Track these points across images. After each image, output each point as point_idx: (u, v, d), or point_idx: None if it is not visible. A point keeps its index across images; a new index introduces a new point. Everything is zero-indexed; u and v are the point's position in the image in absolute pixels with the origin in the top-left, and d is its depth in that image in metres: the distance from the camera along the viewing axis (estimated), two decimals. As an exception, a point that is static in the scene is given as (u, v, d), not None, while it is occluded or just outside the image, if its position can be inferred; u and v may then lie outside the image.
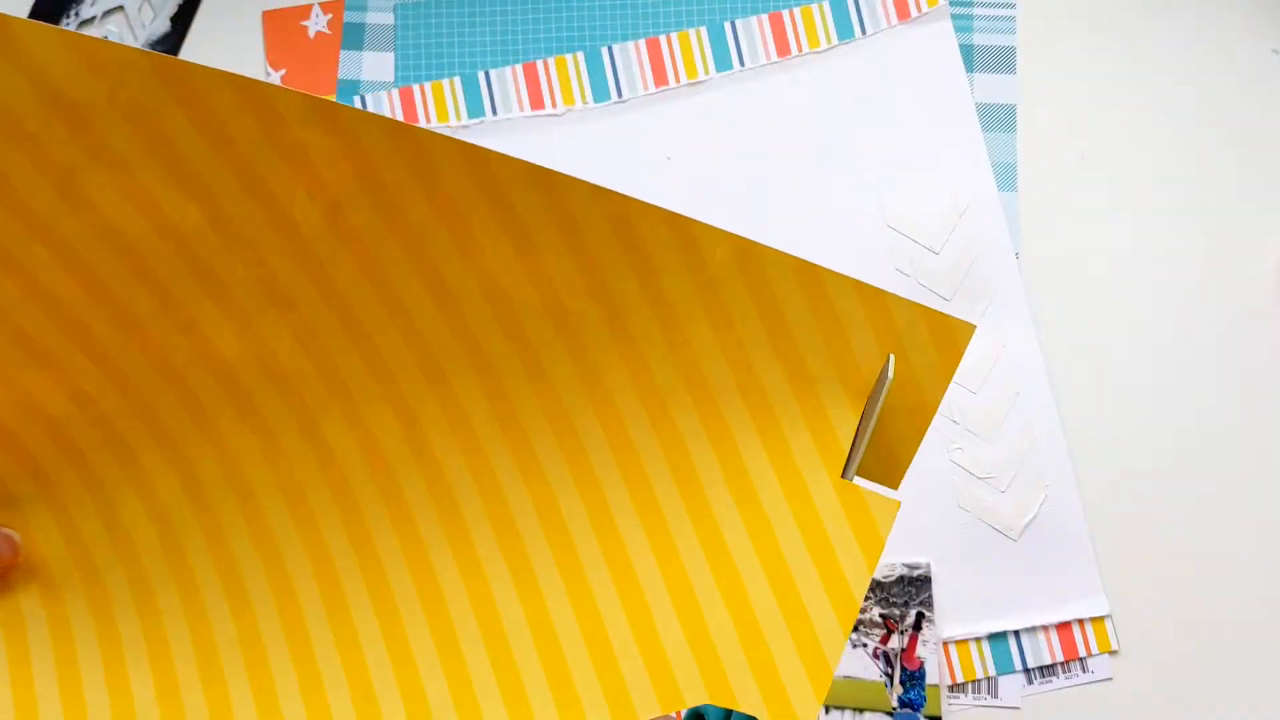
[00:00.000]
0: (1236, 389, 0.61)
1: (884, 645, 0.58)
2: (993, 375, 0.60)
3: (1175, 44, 0.64)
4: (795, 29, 0.63)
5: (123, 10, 0.65)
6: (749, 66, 0.63)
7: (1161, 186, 0.62)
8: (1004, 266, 0.61)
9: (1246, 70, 0.63)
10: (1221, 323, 0.61)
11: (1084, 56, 0.64)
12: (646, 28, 0.64)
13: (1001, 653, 0.58)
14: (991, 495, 0.59)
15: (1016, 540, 0.59)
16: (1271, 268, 0.62)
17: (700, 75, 0.63)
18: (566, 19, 0.64)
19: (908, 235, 0.62)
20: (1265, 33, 0.64)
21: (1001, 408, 0.60)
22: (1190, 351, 0.61)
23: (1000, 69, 0.63)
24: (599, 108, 0.63)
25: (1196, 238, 0.62)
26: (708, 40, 0.64)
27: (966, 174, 0.62)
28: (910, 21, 0.63)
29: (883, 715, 0.57)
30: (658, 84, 0.63)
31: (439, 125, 0.63)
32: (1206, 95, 0.63)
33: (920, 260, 0.61)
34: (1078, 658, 0.58)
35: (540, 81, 0.64)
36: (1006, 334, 0.61)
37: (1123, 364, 0.61)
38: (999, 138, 0.63)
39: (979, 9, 0.64)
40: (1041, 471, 0.59)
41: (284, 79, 0.64)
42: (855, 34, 0.63)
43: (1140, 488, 0.60)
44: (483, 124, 0.63)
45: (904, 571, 0.58)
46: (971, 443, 0.60)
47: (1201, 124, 0.63)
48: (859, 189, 0.62)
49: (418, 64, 0.64)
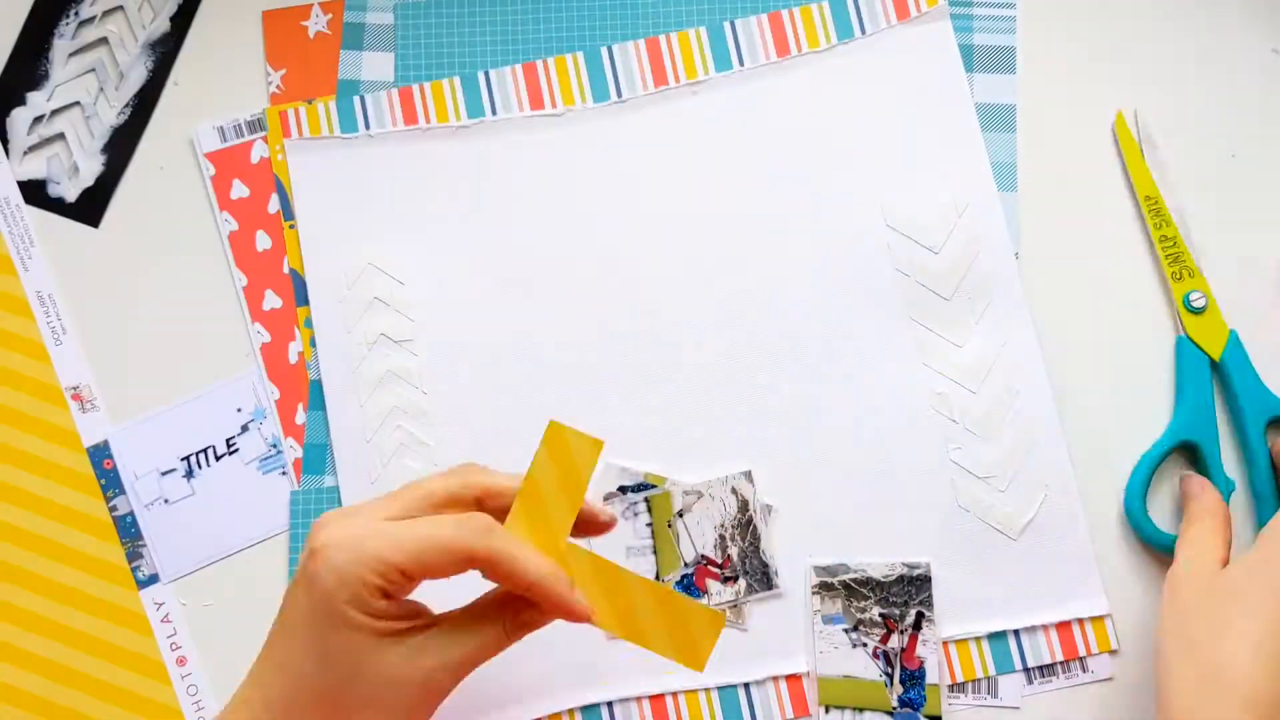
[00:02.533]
0: (1236, 389, 0.61)
1: (884, 645, 0.58)
2: (993, 375, 0.60)
3: (1175, 44, 0.64)
4: (795, 29, 0.63)
5: (122, 10, 0.65)
6: (749, 66, 0.63)
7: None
8: (1004, 266, 0.61)
9: (1246, 70, 0.63)
10: (1222, 322, 0.61)
11: (1084, 56, 0.64)
12: (646, 28, 0.64)
13: (1001, 652, 0.58)
14: (991, 495, 0.59)
15: (1016, 540, 0.59)
16: (1272, 267, 0.62)
17: (700, 75, 0.63)
18: (566, 19, 0.64)
19: (907, 235, 0.62)
20: (1265, 33, 0.64)
21: (1001, 408, 0.60)
22: (1190, 351, 0.61)
23: (1000, 69, 0.63)
24: (599, 107, 0.63)
25: (1196, 238, 0.62)
26: (707, 40, 0.64)
27: (966, 174, 0.62)
28: (910, 21, 0.63)
29: (883, 715, 0.57)
30: (657, 84, 0.63)
31: (439, 125, 0.63)
32: (1206, 95, 0.63)
33: (920, 260, 0.61)
34: (1078, 657, 0.58)
35: (540, 81, 0.64)
36: (1006, 334, 0.61)
37: (1123, 363, 0.61)
38: (999, 138, 0.63)
39: (979, 9, 0.64)
40: (1041, 471, 0.59)
41: (284, 79, 0.64)
42: (855, 34, 0.63)
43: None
44: (482, 124, 0.63)
45: (904, 571, 0.58)
46: (971, 443, 0.60)
47: (1201, 124, 0.63)
48: (858, 189, 0.62)
49: (418, 64, 0.64)
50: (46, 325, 0.63)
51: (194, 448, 0.62)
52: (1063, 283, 0.62)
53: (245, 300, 0.63)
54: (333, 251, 0.62)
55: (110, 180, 0.64)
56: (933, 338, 0.61)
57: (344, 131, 0.63)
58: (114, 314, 0.63)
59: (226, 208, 0.63)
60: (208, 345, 0.63)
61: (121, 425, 0.62)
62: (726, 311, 0.61)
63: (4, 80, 0.64)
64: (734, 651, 0.58)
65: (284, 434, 0.62)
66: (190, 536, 0.61)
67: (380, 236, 0.62)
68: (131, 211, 0.64)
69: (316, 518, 0.61)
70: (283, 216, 0.63)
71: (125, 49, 0.65)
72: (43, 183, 0.64)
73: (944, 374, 0.60)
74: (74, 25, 0.65)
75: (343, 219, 0.63)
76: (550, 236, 0.62)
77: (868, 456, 0.60)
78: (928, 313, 0.61)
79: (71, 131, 0.64)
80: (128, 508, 0.61)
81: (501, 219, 0.62)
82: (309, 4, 0.65)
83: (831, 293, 0.61)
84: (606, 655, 0.58)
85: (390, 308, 0.62)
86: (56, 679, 0.60)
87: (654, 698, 0.58)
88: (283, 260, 0.63)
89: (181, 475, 0.62)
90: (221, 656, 0.60)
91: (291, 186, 0.63)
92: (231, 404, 0.62)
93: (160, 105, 0.65)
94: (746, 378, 0.61)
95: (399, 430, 0.61)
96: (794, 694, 0.58)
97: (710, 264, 0.62)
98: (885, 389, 0.60)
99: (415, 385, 0.61)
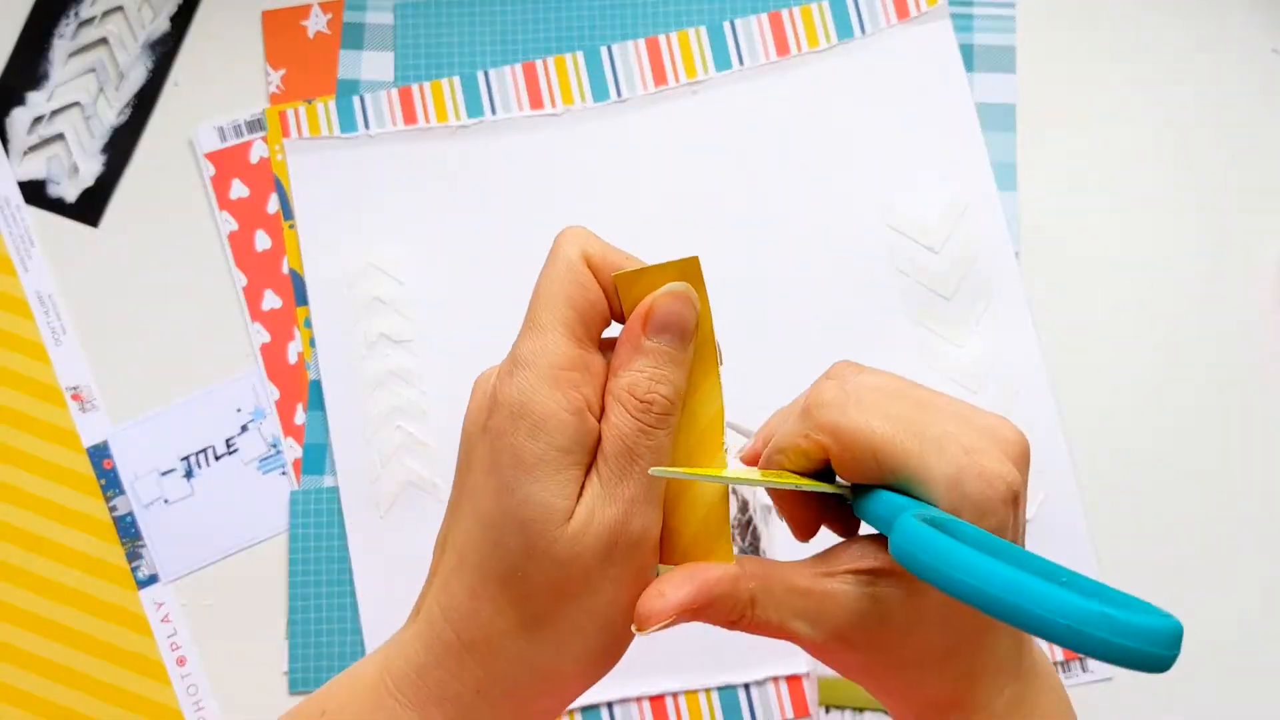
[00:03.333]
0: (1236, 389, 0.61)
1: (884, 645, 0.57)
2: (993, 375, 0.60)
3: (1175, 44, 0.64)
4: (795, 28, 0.63)
5: (122, 10, 0.65)
6: (748, 66, 0.63)
7: (1161, 186, 0.62)
8: (1004, 266, 0.61)
9: (1246, 70, 0.63)
10: (1221, 322, 0.61)
11: (1084, 56, 0.64)
12: (646, 27, 0.64)
13: (1001, 653, 0.58)
14: (991, 495, 0.59)
15: (1016, 540, 0.59)
16: (1271, 267, 0.62)
17: (700, 75, 0.63)
18: (566, 19, 0.64)
19: (908, 235, 0.62)
20: (1265, 33, 0.64)
21: (1001, 407, 0.60)
22: (1190, 351, 0.61)
23: (1000, 69, 0.63)
24: (598, 107, 0.63)
25: (1196, 237, 0.62)
26: (707, 40, 0.63)
27: (966, 174, 0.62)
28: (910, 21, 0.63)
29: (883, 715, 0.57)
30: (657, 83, 0.63)
31: (438, 125, 0.63)
32: (1206, 95, 0.63)
33: (920, 260, 0.61)
34: (1078, 657, 0.58)
35: (540, 81, 0.63)
36: (1006, 334, 0.61)
37: (1122, 363, 0.61)
38: (999, 137, 0.63)
39: (979, 8, 0.64)
40: (1041, 471, 0.59)
41: (284, 79, 0.64)
42: (855, 33, 0.63)
43: (1140, 487, 0.60)
44: (482, 124, 0.63)
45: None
46: (971, 442, 0.60)
47: (1201, 124, 0.63)
48: (858, 189, 0.62)
49: (417, 64, 0.64)
50: (46, 325, 0.63)
51: (194, 448, 0.62)
52: (1063, 283, 0.62)
53: (245, 300, 0.63)
54: (333, 251, 0.62)
55: (110, 180, 0.64)
56: (933, 338, 0.61)
57: (343, 131, 0.63)
58: (114, 314, 0.63)
59: (226, 208, 0.63)
60: (208, 345, 0.63)
61: (121, 425, 0.62)
62: (726, 311, 0.61)
63: (4, 80, 0.64)
64: (734, 652, 0.58)
65: (284, 434, 0.62)
66: (190, 536, 0.61)
67: (380, 236, 0.62)
68: (131, 211, 0.64)
69: (316, 518, 0.61)
70: (282, 216, 0.63)
71: (125, 49, 0.65)
72: (43, 183, 0.64)
73: (944, 374, 0.60)
74: (74, 25, 0.65)
75: (343, 219, 0.63)
76: (549, 236, 0.62)
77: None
78: (928, 313, 0.61)
79: (71, 131, 0.64)
80: (127, 508, 0.61)
81: (501, 219, 0.62)
82: (309, 4, 0.65)
83: (832, 292, 0.61)
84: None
85: (390, 308, 0.62)
86: (56, 679, 0.60)
87: (654, 698, 0.58)
88: (282, 260, 0.63)
89: (181, 475, 0.62)
90: (221, 656, 0.60)
91: (291, 186, 0.63)
92: (231, 404, 0.62)
93: (160, 105, 0.65)
94: (746, 376, 0.61)
95: (399, 430, 0.61)
96: (794, 694, 0.58)
97: (709, 263, 0.62)
98: (885, 389, 0.60)
99: (415, 385, 0.61)
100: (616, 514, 0.32)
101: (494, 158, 0.63)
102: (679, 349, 0.34)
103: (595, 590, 0.33)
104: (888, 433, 0.31)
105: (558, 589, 0.33)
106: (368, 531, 0.60)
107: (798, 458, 0.34)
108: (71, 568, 0.61)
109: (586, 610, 0.33)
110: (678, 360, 0.34)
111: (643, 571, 0.33)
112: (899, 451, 0.31)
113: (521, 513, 0.32)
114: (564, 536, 0.32)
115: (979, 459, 0.31)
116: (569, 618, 0.33)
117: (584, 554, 0.32)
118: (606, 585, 0.33)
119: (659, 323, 0.34)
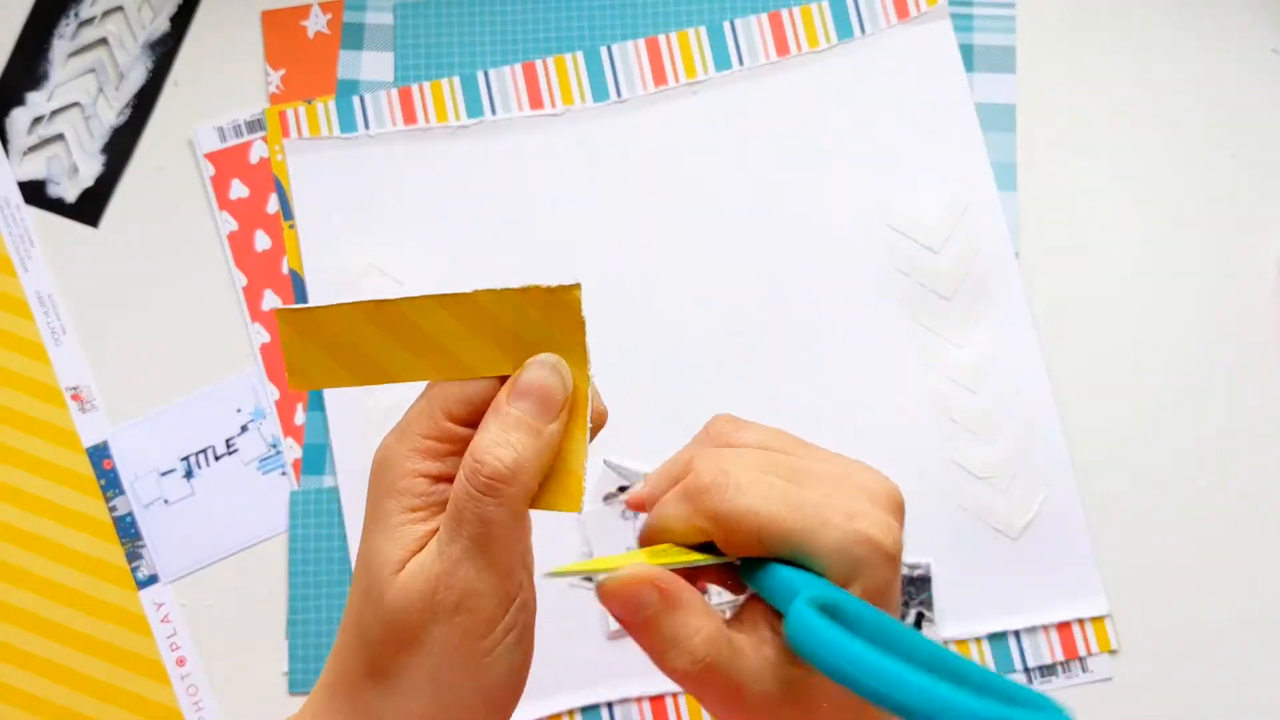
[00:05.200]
0: (1236, 388, 0.61)
1: (884, 645, 0.57)
2: (993, 375, 0.60)
3: (1175, 44, 0.64)
4: (795, 28, 0.63)
5: (122, 10, 0.65)
6: (748, 66, 0.63)
7: (1161, 186, 0.62)
8: (1004, 266, 0.61)
9: (1246, 70, 0.63)
10: (1221, 322, 0.61)
11: (1084, 56, 0.64)
12: (646, 27, 0.64)
13: (1001, 652, 0.58)
14: (991, 495, 0.59)
15: (1016, 540, 0.59)
16: (1271, 267, 0.62)
17: (700, 75, 0.63)
18: (566, 19, 0.64)
19: (908, 235, 0.62)
20: (1265, 33, 0.64)
21: (1001, 408, 0.60)
22: (1190, 350, 0.61)
23: (1000, 69, 0.63)
24: (598, 107, 0.63)
25: (1196, 237, 0.62)
26: (707, 40, 0.63)
27: (966, 174, 0.62)
28: (910, 21, 0.63)
29: (882, 715, 0.57)
30: (657, 84, 0.63)
31: (438, 125, 0.63)
32: (1206, 95, 0.63)
33: (920, 260, 0.61)
34: (1078, 657, 0.58)
35: (539, 81, 0.63)
36: (1006, 334, 0.61)
37: (1122, 363, 0.61)
38: (999, 137, 0.63)
39: (978, 8, 0.64)
40: (1041, 471, 0.59)
41: (283, 79, 0.64)
42: (855, 33, 0.63)
43: (1140, 487, 0.60)
44: (482, 124, 0.63)
45: (904, 571, 0.58)
46: (971, 443, 0.60)
47: (1201, 124, 0.63)
48: (858, 189, 0.62)
49: (417, 64, 0.64)
50: (46, 325, 0.63)
51: (193, 448, 0.62)
52: (1063, 283, 0.62)
53: (245, 300, 0.63)
54: (332, 251, 0.62)
55: (110, 180, 0.64)
56: (933, 337, 0.61)
57: (343, 131, 0.63)
58: (114, 314, 0.63)
59: (226, 208, 0.63)
60: (208, 345, 0.63)
61: (121, 425, 0.62)
62: (726, 311, 0.61)
63: (4, 80, 0.64)
64: (734, 652, 0.58)
65: (284, 434, 0.62)
66: (190, 537, 0.61)
67: (380, 236, 0.62)
68: (131, 211, 0.64)
69: (316, 518, 0.61)
70: (282, 216, 0.63)
71: (125, 49, 0.65)
72: (42, 183, 0.64)
73: (944, 374, 0.60)
74: (74, 25, 0.65)
75: (342, 219, 0.63)
76: (549, 236, 0.62)
77: (868, 456, 0.60)
78: (928, 313, 0.61)
79: (71, 131, 0.64)
80: (127, 508, 0.61)
81: (501, 219, 0.62)
82: (308, 4, 0.65)
83: (831, 292, 0.61)
84: (606, 655, 0.58)
85: (390, 308, 0.62)
86: (56, 679, 0.60)
87: (654, 698, 0.58)
88: (282, 260, 0.63)
89: (181, 475, 0.62)
90: (221, 656, 0.60)
91: (291, 186, 0.63)
92: (231, 404, 0.62)
93: (160, 105, 0.65)
94: (747, 377, 0.61)
95: (399, 430, 0.61)
96: (794, 694, 0.58)
97: (709, 263, 0.62)
98: (885, 389, 0.60)
99: (415, 385, 0.61)
100: (440, 570, 0.33)
101: (494, 158, 0.63)
102: (536, 418, 0.34)
103: (424, 647, 0.34)
104: (771, 514, 0.32)
105: (391, 638, 0.34)
106: (368, 531, 0.60)
107: (683, 537, 0.35)
108: (71, 568, 0.61)
109: (420, 668, 0.34)
110: (531, 428, 0.34)
111: (472, 640, 0.34)
112: (783, 531, 0.32)
113: (365, 557, 0.34)
114: (394, 584, 0.33)
115: (860, 524, 0.33)
116: (406, 674, 0.34)
117: (408, 607, 0.33)
118: (434, 645, 0.34)
119: (520, 389, 0.34)
